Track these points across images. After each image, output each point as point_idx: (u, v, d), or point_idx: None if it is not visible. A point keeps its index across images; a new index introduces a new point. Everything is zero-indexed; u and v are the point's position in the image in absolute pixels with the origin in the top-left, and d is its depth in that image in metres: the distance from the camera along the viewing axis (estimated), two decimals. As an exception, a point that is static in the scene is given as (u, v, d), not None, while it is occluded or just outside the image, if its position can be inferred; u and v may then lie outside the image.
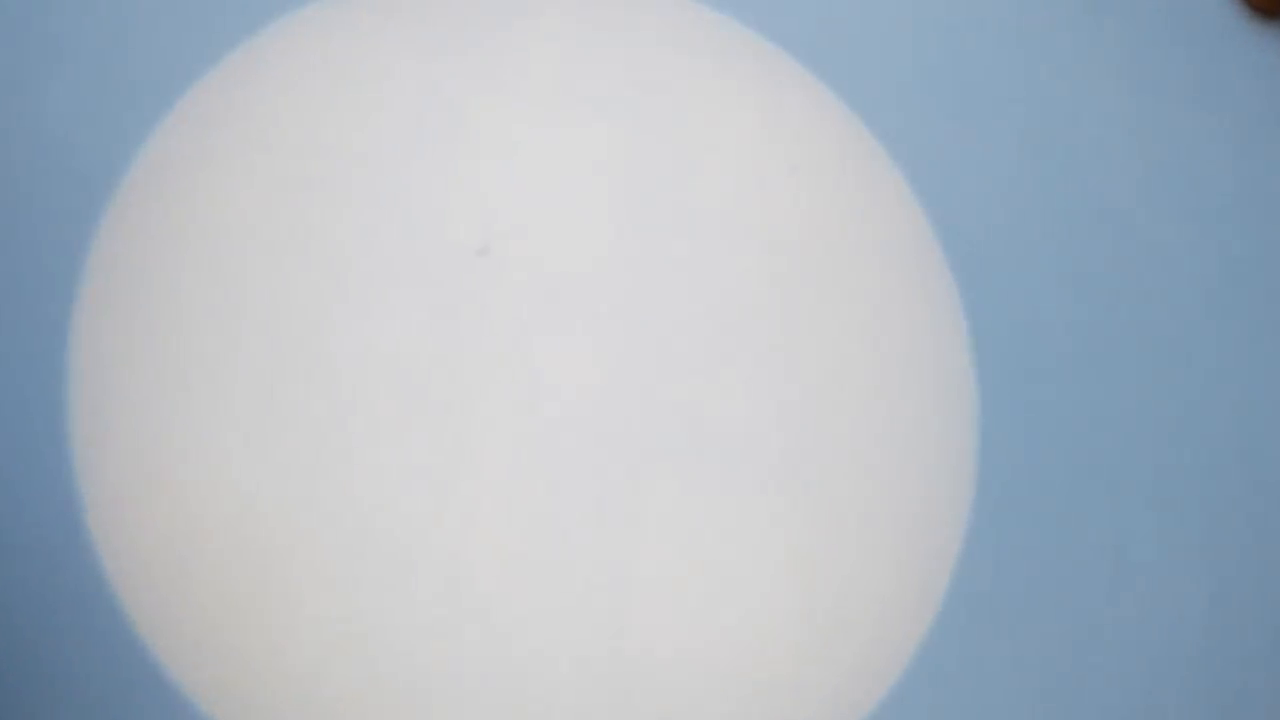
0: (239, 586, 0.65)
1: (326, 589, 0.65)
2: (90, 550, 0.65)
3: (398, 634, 0.65)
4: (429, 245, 0.69)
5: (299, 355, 0.67)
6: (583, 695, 0.66)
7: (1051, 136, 0.73)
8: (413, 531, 0.66)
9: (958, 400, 0.72)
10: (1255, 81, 0.75)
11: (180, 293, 0.67)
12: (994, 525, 0.71)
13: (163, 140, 0.68)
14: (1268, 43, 0.75)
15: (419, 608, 0.65)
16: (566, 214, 0.70)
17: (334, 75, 0.70)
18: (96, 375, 0.66)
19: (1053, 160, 0.73)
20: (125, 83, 0.69)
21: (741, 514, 0.68)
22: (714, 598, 0.68)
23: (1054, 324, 0.72)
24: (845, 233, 0.72)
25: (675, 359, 0.69)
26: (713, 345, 0.70)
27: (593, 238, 0.70)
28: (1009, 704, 0.70)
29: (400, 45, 0.71)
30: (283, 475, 0.66)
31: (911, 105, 0.73)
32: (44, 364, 0.66)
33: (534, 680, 0.66)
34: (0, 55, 0.68)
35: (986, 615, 0.70)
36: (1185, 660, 0.70)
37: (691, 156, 0.71)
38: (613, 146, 0.71)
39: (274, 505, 0.65)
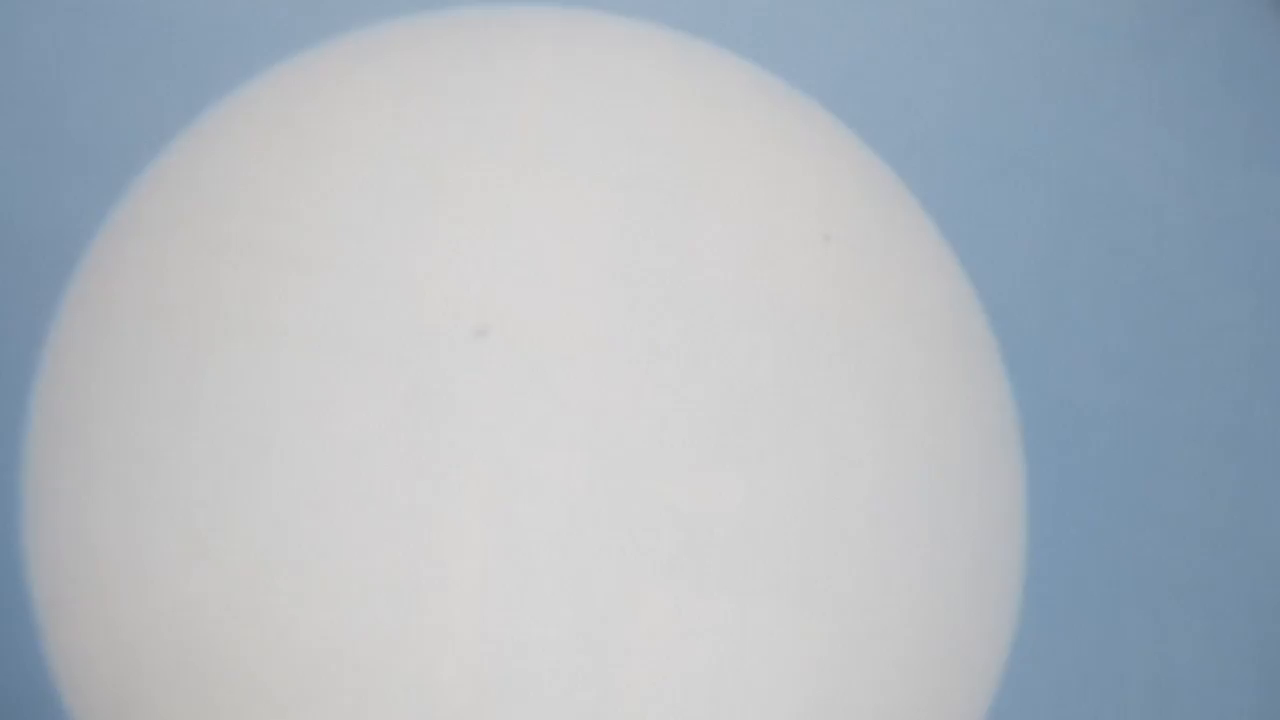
0: (186, 702, 0.59)
1: (281, 711, 0.59)
2: (39, 656, 0.60)
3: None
4: (414, 325, 0.63)
5: (254, 449, 0.61)
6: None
7: (1102, 197, 0.67)
8: (376, 649, 0.60)
9: (1002, 498, 0.65)
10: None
11: (132, 380, 0.62)
12: (1040, 635, 0.64)
13: (122, 217, 0.63)
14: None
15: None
16: (565, 290, 0.64)
17: (309, 140, 0.64)
18: (47, 471, 0.61)
19: (1103, 224, 0.66)
20: (80, 156, 0.63)
21: (747, 629, 0.62)
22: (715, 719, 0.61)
23: (1104, 409, 0.65)
24: (876, 306, 0.65)
25: (677, 453, 0.63)
26: (721, 437, 0.63)
27: (591, 316, 0.64)
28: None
29: (382, 108, 0.65)
30: (233, 582, 0.60)
31: (953, 163, 0.66)
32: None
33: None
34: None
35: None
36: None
37: (702, 219, 0.65)
38: (617, 209, 0.64)
39: (223, 615, 0.60)
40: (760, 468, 0.63)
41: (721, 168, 0.66)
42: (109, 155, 0.63)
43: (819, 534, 0.63)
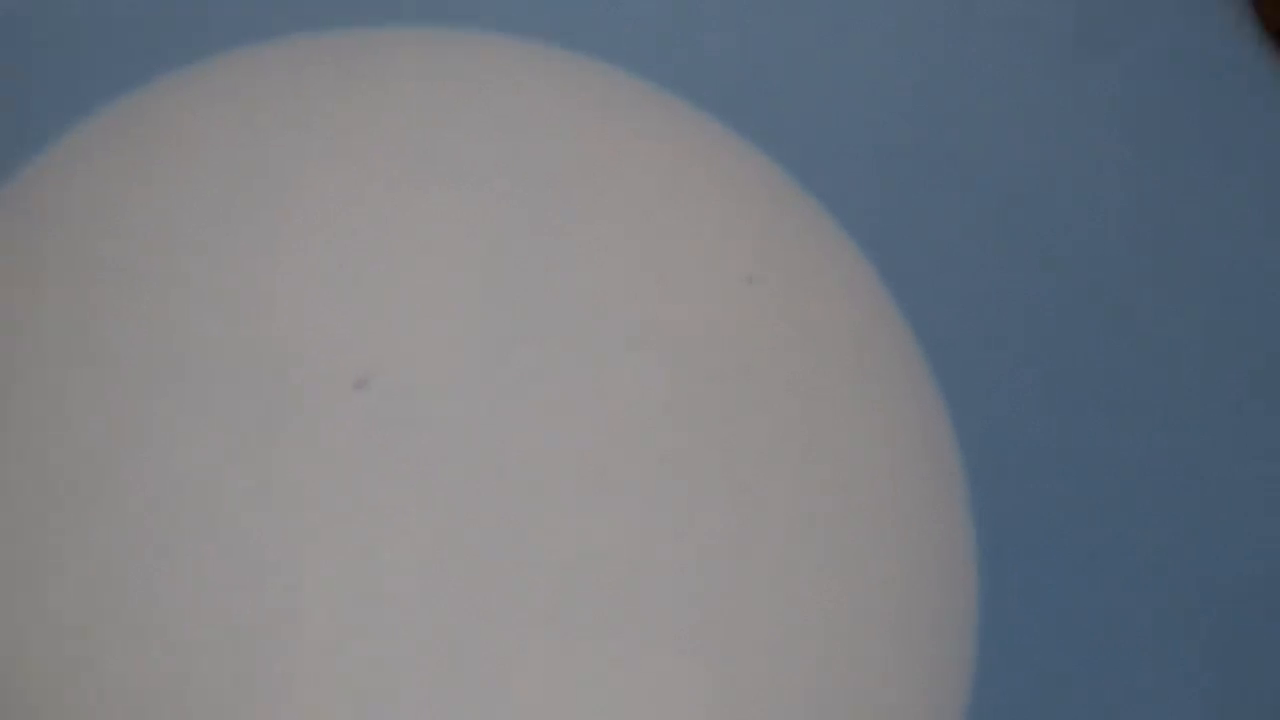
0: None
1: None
2: None
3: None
4: (290, 374, 0.58)
5: (81, 480, 0.56)
6: None
7: (1036, 213, 0.62)
8: (218, 699, 0.54)
9: (942, 539, 0.60)
10: (1275, 142, 0.63)
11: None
12: (985, 686, 0.59)
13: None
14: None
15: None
16: (448, 338, 0.59)
17: (173, 170, 0.59)
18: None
19: (1040, 236, 0.62)
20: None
21: (627, 683, 0.56)
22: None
23: (1040, 430, 0.61)
24: (793, 340, 0.60)
25: (560, 498, 0.57)
26: (606, 479, 0.58)
27: (478, 365, 0.59)
28: None
29: (253, 139, 0.60)
30: (65, 626, 0.55)
31: (879, 181, 0.62)
32: None
33: None
34: None
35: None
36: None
37: (599, 259, 0.60)
38: (511, 249, 0.60)
39: (53, 661, 0.54)
40: (656, 514, 0.58)
41: (621, 199, 0.61)
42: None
43: (712, 582, 0.58)
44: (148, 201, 0.59)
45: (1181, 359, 0.62)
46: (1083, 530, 0.61)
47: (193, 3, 0.62)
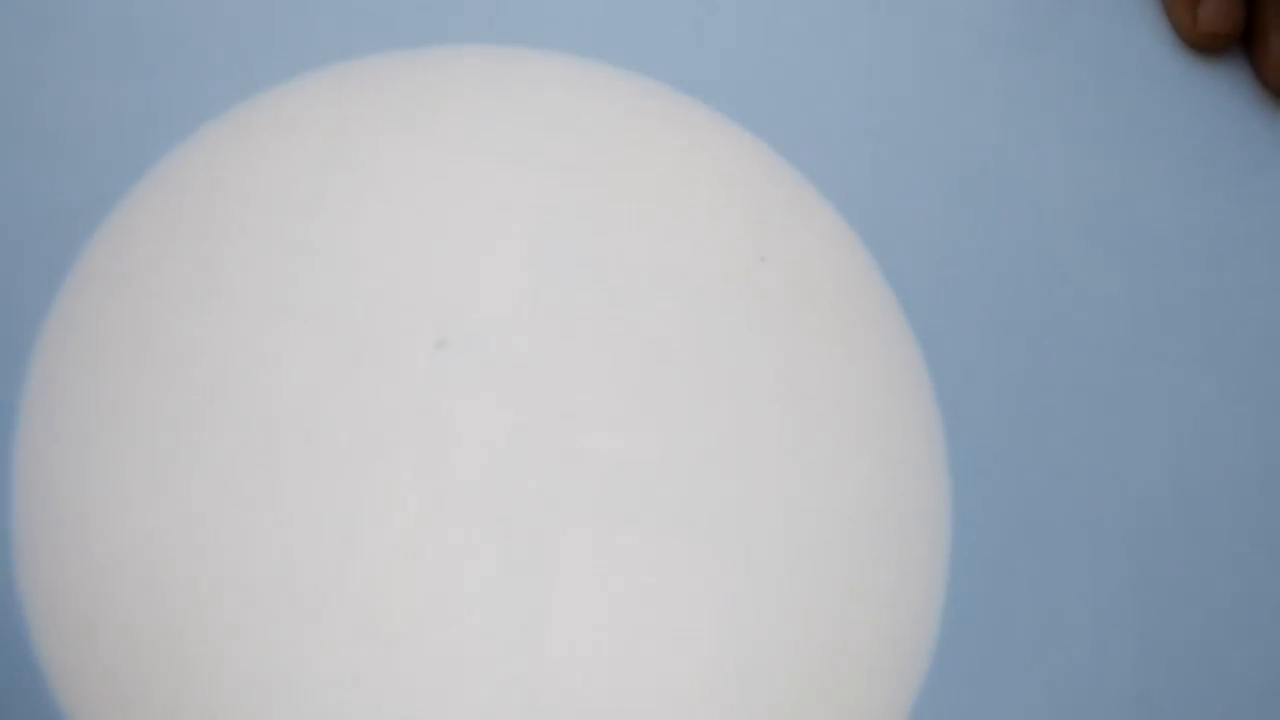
0: (145, 633, 0.67)
1: (234, 635, 0.67)
2: (15, 591, 0.68)
3: (305, 682, 0.67)
4: (381, 329, 0.71)
5: (208, 402, 0.69)
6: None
7: (990, 181, 0.73)
8: (320, 579, 0.68)
9: (914, 446, 0.71)
10: (1194, 120, 0.73)
11: (117, 347, 0.70)
12: (962, 569, 0.70)
13: (122, 213, 0.72)
14: (1208, 81, 0.74)
15: (326, 655, 0.67)
16: (509, 295, 0.71)
17: (280, 169, 0.73)
18: (39, 428, 0.69)
19: (992, 204, 0.73)
20: (92, 153, 0.72)
21: (661, 562, 0.69)
22: (631, 647, 0.68)
23: (999, 375, 0.71)
24: (779, 276, 0.72)
25: (596, 407, 0.70)
26: (640, 406, 0.70)
27: (530, 312, 0.71)
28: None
29: (351, 136, 0.73)
30: (188, 520, 0.68)
31: (857, 161, 0.73)
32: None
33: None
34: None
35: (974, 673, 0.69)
36: (1115, 709, 0.69)
37: (613, 201, 0.72)
38: (558, 233, 0.72)
39: (180, 551, 0.68)
40: (675, 424, 0.70)
41: (625, 161, 0.73)
42: (118, 155, 0.73)
43: (727, 478, 0.69)
44: (270, 179, 0.72)
45: (1113, 295, 0.72)
46: (1045, 445, 0.71)
47: (303, 27, 0.75)
